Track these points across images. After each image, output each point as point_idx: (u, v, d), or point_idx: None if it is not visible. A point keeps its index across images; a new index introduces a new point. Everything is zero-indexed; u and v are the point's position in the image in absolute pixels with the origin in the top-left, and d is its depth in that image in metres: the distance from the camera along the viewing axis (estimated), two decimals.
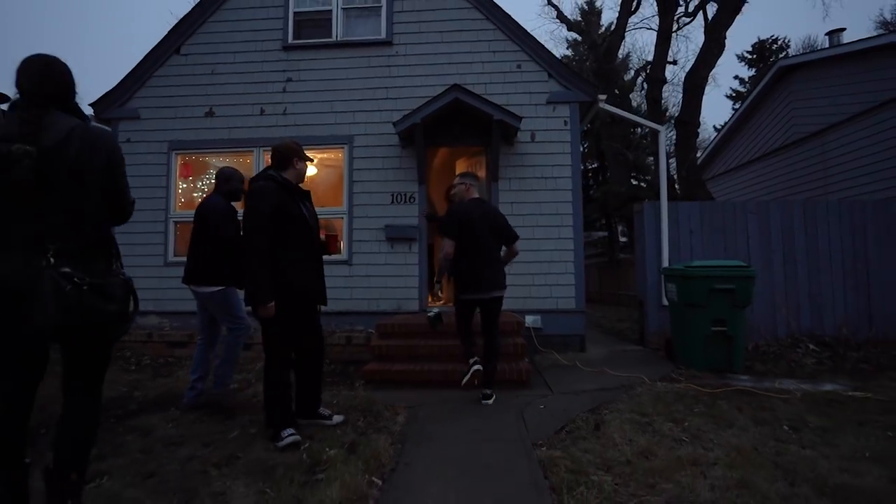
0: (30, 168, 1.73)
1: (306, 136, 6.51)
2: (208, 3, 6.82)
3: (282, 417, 2.83)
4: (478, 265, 3.72)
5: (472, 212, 3.78)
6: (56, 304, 1.68)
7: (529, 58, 6.42)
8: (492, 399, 3.79)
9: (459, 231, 3.73)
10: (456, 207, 3.91)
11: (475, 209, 3.81)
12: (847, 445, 2.74)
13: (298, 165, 3.15)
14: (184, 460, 2.54)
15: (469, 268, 3.72)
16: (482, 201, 3.99)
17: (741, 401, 3.72)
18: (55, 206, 1.79)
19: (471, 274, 3.72)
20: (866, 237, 6.24)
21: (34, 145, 1.75)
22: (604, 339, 7.06)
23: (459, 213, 3.80)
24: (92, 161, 1.86)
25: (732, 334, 4.89)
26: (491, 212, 3.95)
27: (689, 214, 6.38)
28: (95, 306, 1.78)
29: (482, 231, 3.76)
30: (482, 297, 3.74)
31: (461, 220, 3.75)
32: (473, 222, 3.74)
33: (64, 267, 1.74)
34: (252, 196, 2.92)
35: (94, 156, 1.87)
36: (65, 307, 1.70)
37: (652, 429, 3.06)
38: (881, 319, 6.08)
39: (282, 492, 2.16)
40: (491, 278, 3.74)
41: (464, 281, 3.75)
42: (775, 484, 2.24)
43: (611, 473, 2.39)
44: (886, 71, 8.09)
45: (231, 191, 3.83)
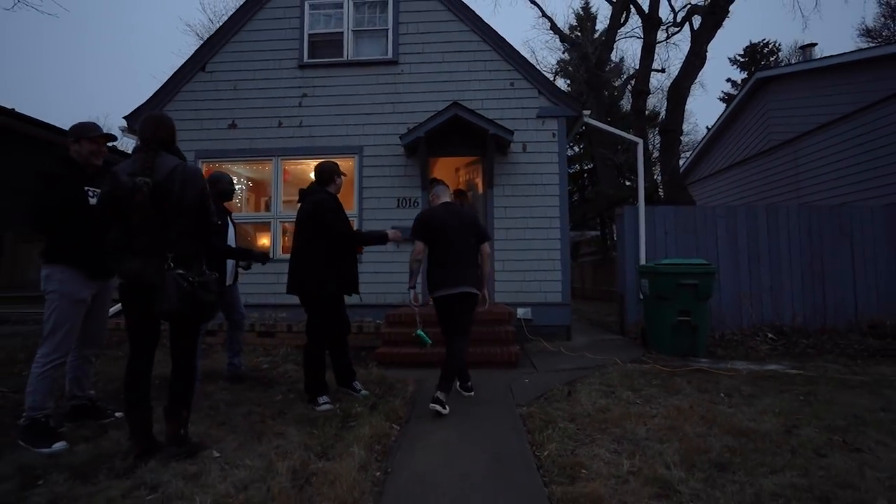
0: (147, 195, 2.46)
1: (320, 146, 7.25)
2: (231, 25, 7.54)
3: (319, 387, 3.56)
4: (447, 263, 3.75)
5: (438, 215, 3.85)
6: (178, 296, 2.41)
7: (521, 76, 7.14)
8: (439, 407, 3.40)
9: (425, 233, 3.82)
10: (423, 212, 4.03)
11: (442, 212, 3.87)
12: (762, 405, 3.48)
13: (338, 181, 3.87)
14: (244, 415, 3.27)
15: (438, 266, 3.78)
16: (450, 204, 4.01)
17: (694, 377, 4.46)
18: (164, 224, 2.52)
19: (440, 272, 3.76)
20: (822, 239, 6.98)
21: (150, 178, 2.48)
22: (589, 330, 7.80)
23: (425, 216, 3.89)
24: (187, 192, 2.57)
25: (696, 323, 5.62)
26: (461, 213, 3.97)
27: (664, 218, 7.12)
28: (201, 298, 2.51)
29: (451, 232, 3.79)
30: (451, 291, 3.70)
31: (427, 223, 3.83)
32: (440, 224, 3.80)
33: (179, 269, 2.47)
34: (326, 206, 3.64)
35: (190, 188, 2.58)
36: (183, 298, 2.43)
37: (614, 395, 3.79)
38: (833, 311, 6.83)
39: (325, 432, 2.88)
40: (460, 274, 3.73)
41: (433, 279, 3.80)
42: (696, 428, 2.98)
43: (574, 422, 3.13)
44: (852, 85, 8.81)
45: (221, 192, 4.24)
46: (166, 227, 2.52)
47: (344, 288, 3.72)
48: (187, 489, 2.11)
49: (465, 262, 3.80)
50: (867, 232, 6.95)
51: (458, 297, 3.70)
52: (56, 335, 2.77)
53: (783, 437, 2.82)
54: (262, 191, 8.53)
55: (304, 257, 3.63)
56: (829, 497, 2.08)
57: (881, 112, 7.96)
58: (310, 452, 2.57)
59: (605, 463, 2.46)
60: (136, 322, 2.56)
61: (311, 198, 3.72)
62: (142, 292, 2.49)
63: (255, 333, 6.15)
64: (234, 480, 2.20)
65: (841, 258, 6.94)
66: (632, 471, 2.37)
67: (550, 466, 2.46)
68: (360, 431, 2.84)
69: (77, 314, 2.85)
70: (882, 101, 7.92)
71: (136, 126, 7.39)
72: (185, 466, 2.36)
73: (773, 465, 2.43)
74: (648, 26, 10.60)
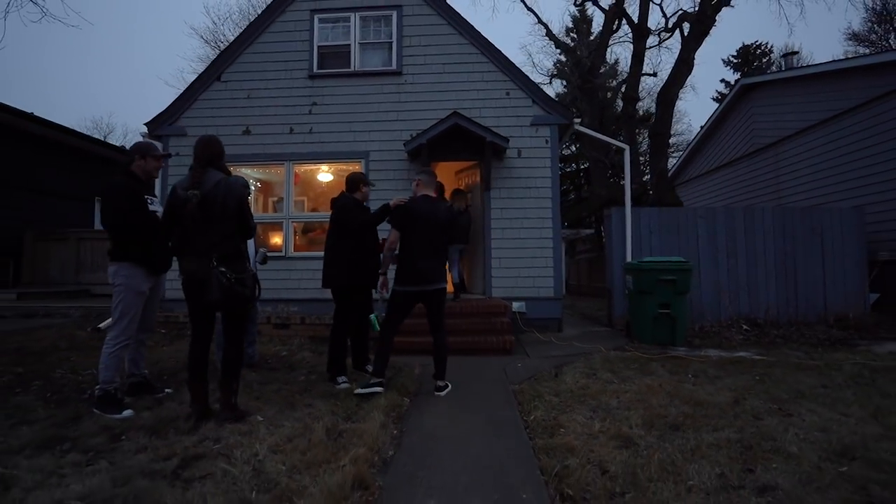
0: (196, 205, 2.99)
1: (329, 151, 7.77)
2: (245, 37, 8.04)
3: (339, 368, 4.10)
4: (423, 259, 3.80)
5: (420, 207, 3.87)
6: (219, 289, 2.95)
7: (517, 86, 7.66)
8: (445, 391, 3.85)
9: (404, 223, 3.84)
10: (406, 202, 3.99)
11: (423, 205, 3.89)
12: (722, 384, 4.03)
13: (364, 189, 4.41)
14: (275, 391, 3.80)
15: (411, 261, 3.81)
16: (429, 198, 4.01)
17: (668, 362, 5.01)
18: (211, 229, 3.04)
19: (412, 267, 3.81)
20: (794, 238, 7.54)
21: (199, 191, 3.01)
22: (580, 323, 8.36)
23: (407, 206, 3.90)
24: (229, 202, 3.09)
25: (675, 315, 6.17)
26: (439, 209, 3.97)
27: (649, 218, 7.66)
28: (237, 291, 3.04)
29: (429, 226, 3.83)
30: (426, 288, 3.82)
31: (408, 213, 3.86)
32: (420, 217, 3.82)
33: (221, 267, 3.00)
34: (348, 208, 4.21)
35: (231, 198, 3.10)
36: (223, 291, 2.96)
37: (595, 376, 4.34)
38: (804, 304, 7.39)
39: (347, 403, 3.42)
40: (434, 271, 3.83)
41: (403, 273, 3.84)
42: (660, 400, 3.53)
43: (558, 396, 3.68)
44: (828, 94, 9.34)
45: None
46: (212, 231, 3.05)
47: (366, 281, 4.25)
48: (245, 441, 2.66)
49: (440, 258, 3.96)
50: (836, 232, 7.51)
51: (432, 293, 3.88)
52: (123, 321, 3.30)
53: (731, 406, 3.37)
54: (274, 193, 9.04)
55: (334, 255, 4.18)
56: (753, 445, 2.63)
57: (850, 120, 8.52)
58: (337, 417, 3.11)
59: (580, 424, 3.00)
60: (194, 310, 3.09)
61: (337, 203, 4.26)
62: (196, 285, 3.03)
63: (271, 325, 6.67)
64: (279, 435, 2.74)
65: (812, 256, 7.50)
66: (601, 430, 2.91)
67: (535, 427, 3.01)
68: (377, 402, 3.38)
69: (139, 304, 3.38)
70: (851, 111, 8.48)
71: (156, 131, 7.98)
72: (238, 426, 2.89)
73: (717, 425, 2.98)
74: (638, 35, 11.13)
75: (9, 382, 3.86)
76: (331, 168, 8.30)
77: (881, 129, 7.87)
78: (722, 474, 2.30)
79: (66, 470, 2.27)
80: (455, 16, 7.79)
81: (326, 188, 8.62)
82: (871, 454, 2.47)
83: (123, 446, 2.62)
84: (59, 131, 11.45)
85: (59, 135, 11.53)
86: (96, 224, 12.88)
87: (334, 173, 8.38)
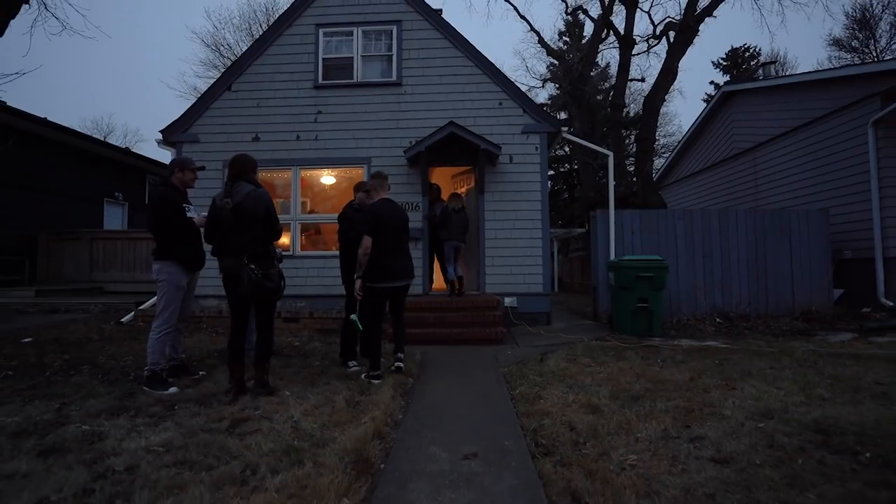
0: (230, 212, 3.55)
1: (333, 157, 8.32)
2: (254, 50, 8.57)
3: (350, 354, 4.67)
4: (394, 256, 4.24)
5: (384, 211, 4.27)
6: (249, 284, 3.51)
7: (508, 97, 8.24)
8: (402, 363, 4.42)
9: (375, 227, 4.18)
10: (374, 207, 4.34)
11: (387, 209, 4.30)
12: (685, 367, 4.63)
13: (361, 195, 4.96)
14: (295, 373, 4.36)
15: (385, 259, 4.20)
16: (389, 200, 4.43)
17: (643, 350, 5.60)
18: (243, 233, 3.60)
19: (387, 265, 4.21)
20: (765, 238, 8.16)
21: (231, 200, 3.57)
22: (568, 317, 8.96)
23: (374, 212, 4.26)
24: (257, 210, 3.65)
25: (652, 309, 6.77)
26: (399, 210, 4.43)
27: (631, 220, 8.26)
28: (265, 285, 3.60)
29: (395, 228, 4.27)
30: (395, 284, 4.29)
31: (378, 219, 4.22)
32: (387, 219, 4.23)
33: (252, 265, 3.56)
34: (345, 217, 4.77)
35: (258, 207, 3.66)
36: (253, 285, 3.52)
37: (575, 361, 4.93)
38: (773, 299, 8.02)
39: (360, 383, 3.99)
40: (405, 268, 4.35)
41: (380, 271, 4.20)
42: (627, 379, 4.12)
43: (540, 376, 4.26)
44: (800, 102, 9.94)
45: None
46: (244, 234, 3.61)
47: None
48: (279, 408, 3.22)
49: (408, 255, 4.45)
50: (803, 232, 8.14)
51: (400, 289, 4.42)
52: (166, 312, 3.86)
53: (686, 383, 3.97)
54: (281, 196, 9.57)
55: (342, 257, 4.73)
56: (695, 410, 3.22)
57: (818, 129, 9.16)
58: (353, 392, 3.68)
59: (557, 397, 3.59)
60: (232, 301, 3.66)
61: (342, 213, 4.82)
62: (232, 280, 3.59)
63: (282, 319, 7.21)
64: (307, 404, 3.31)
65: (781, 255, 8.13)
66: (574, 401, 3.50)
67: (519, 398, 3.60)
68: (387, 381, 3.95)
69: (179, 297, 3.93)
70: (818, 120, 9.11)
71: (170, 138, 8.50)
72: (270, 399, 3.46)
73: (670, 397, 3.57)
74: (624, 46, 11.73)
75: (62, 366, 4.41)
76: (335, 173, 8.84)
77: (844, 138, 8.50)
78: (665, 430, 2.89)
79: (141, 428, 2.83)
80: (451, 30, 8.35)
81: (331, 191, 9.16)
82: (787, 415, 3.06)
83: (179, 413, 3.18)
84: (71, 135, 11.92)
85: (70, 138, 11.99)
86: (105, 224, 13.39)
87: (338, 177, 8.92)
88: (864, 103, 8.09)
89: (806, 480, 2.16)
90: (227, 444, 2.55)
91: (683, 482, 2.19)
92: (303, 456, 2.38)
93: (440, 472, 2.34)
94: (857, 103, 8.24)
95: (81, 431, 2.73)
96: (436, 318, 6.62)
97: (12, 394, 3.53)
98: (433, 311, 6.72)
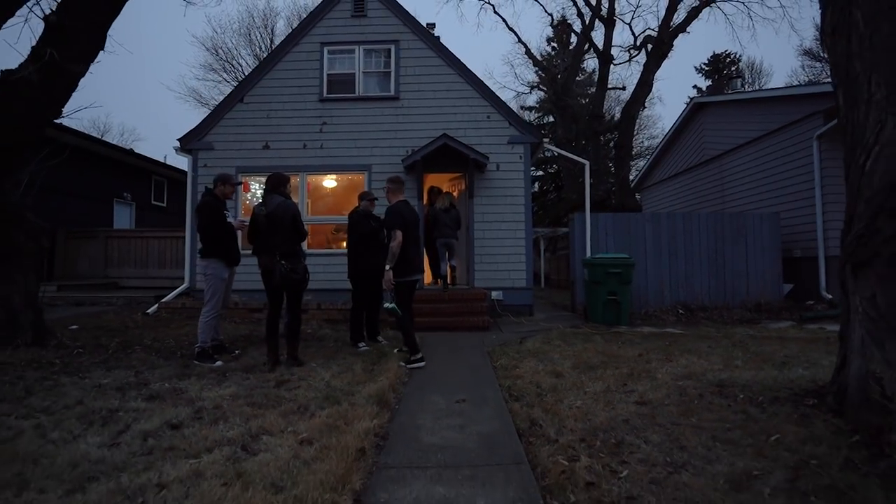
0: (264, 219, 4.43)
1: (337, 164, 9.17)
2: (264, 65, 9.39)
3: (359, 336, 5.56)
4: (415, 252, 4.87)
5: (406, 210, 4.88)
6: (280, 276, 4.39)
7: (496, 111, 9.14)
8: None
9: (402, 224, 4.73)
10: (394, 207, 4.91)
11: (406, 208, 4.92)
12: (640, 347, 5.57)
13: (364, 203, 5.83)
14: (314, 352, 5.23)
15: (410, 254, 4.77)
16: (406, 201, 5.01)
17: (609, 335, 6.55)
18: (275, 235, 4.48)
19: (411, 259, 4.80)
20: (724, 238, 9.16)
21: (265, 209, 4.45)
22: (550, 310, 9.90)
23: (401, 211, 4.84)
24: (285, 217, 4.53)
25: (621, 301, 7.73)
26: (415, 210, 5.10)
27: (605, 222, 9.22)
28: (292, 277, 4.48)
29: (414, 225, 4.84)
30: (417, 277, 4.91)
31: (402, 216, 4.80)
32: (410, 218, 4.82)
33: (283, 261, 4.44)
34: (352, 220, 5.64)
35: (287, 214, 4.54)
36: (283, 277, 4.40)
37: (549, 343, 5.86)
38: (730, 293, 9.03)
39: (370, 359, 4.88)
40: (420, 263, 5.08)
41: (406, 265, 4.75)
42: (589, 355, 5.05)
43: (518, 354, 5.18)
44: (761, 115, 10.96)
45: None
46: (276, 236, 4.49)
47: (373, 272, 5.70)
48: (311, 374, 4.11)
49: (421, 251, 5.36)
50: (757, 233, 9.15)
51: (419, 280, 5.29)
52: (213, 300, 4.72)
53: (635, 358, 4.91)
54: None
55: (349, 253, 5.61)
56: (634, 374, 4.15)
57: (773, 140, 10.19)
58: (367, 363, 4.58)
59: (529, 367, 4.51)
60: (268, 290, 4.53)
61: (351, 217, 5.71)
62: (268, 273, 4.46)
63: None
64: (332, 371, 4.20)
65: (737, 253, 9.13)
66: (542, 369, 4.42)
67: (499, 368, 4.52)
68: (392, 357, 4.86)
69: (223, 287, 4.80)
70: (774, 132, 10.14)
71: (187, 146, 9.30)
72: (301, 369, 4.34)
73: (618, 366, 4.50)
74: (603, 61, 12.69)
75: (118, 346, 5.25)
76: (338, 178, 9.69)
77: (794, 149, 9.52)
78: (607, 387, 3.82)
79: (209, 386, 3.71)
80: (444, 50, 9.23)
81: (335, 195, 10.01)
82: (702, 377, 4.01)
83: (232, 378, 4.05)
84: (87, 140, 12.63)
85: (86, 142, 12.70)
86: (115, 223, 14.11)
87: (341, 182, 9.77)
88: (810, 119, 9.12)
89: (693, 412, 3.10)
90: (280, 395, 3.44)
91: (609, 414, 3.11)
92: (339, 399, 3.27)
93: (439, 409, 3.25)
94: (804, 119, 9.26)
95: (166, 387, 3.60)
96: (431, 308, 7.52)
97: (92, 365, 4.38)
98: (428, 303, 7.62)
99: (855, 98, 2.72)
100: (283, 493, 1.94)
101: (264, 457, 2.33)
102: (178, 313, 8.08)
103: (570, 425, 2.92)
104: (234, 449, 2.43)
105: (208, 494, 1.93)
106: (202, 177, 9.10)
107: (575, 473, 2.22)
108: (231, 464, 2.24)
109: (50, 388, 3.56)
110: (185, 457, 2.31)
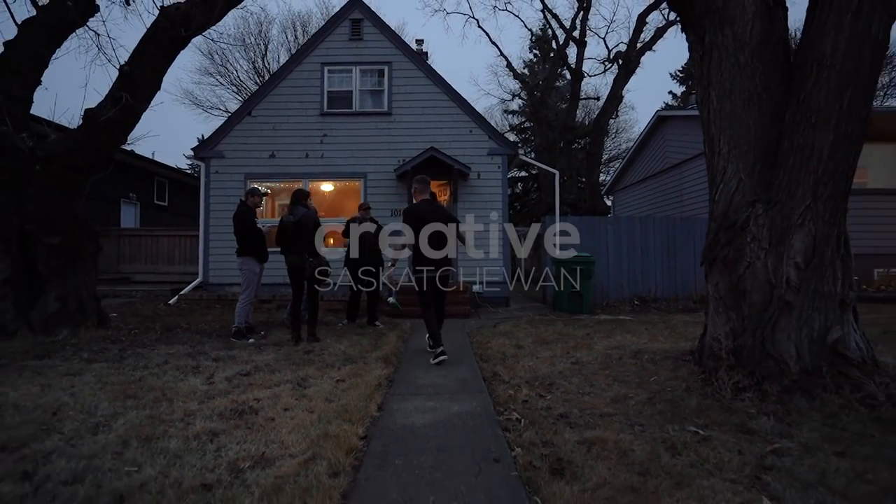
0: (291, 226, 5.62)
1: (336, 172, 10.31)
2: (270, 83, 10.47)
3: (354, 317, 6.77)
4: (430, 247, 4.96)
5: (422, 209, 5.01)
6: (309, 271, 5.58)
7: (477, 126, 10.37)
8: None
9: (416, 223, 4.94)
10: (410, 207, 5.23)
11: (425, 207, 5.04)
12: (591, 329, 6.85)
13: (362, 213, 7.01)
14: (326, 333, 6.39)
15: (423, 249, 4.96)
16: (430, 201, 5.13)
17: (570, 321, 7.83)
18: (301, 238, 5.66)
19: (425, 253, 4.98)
20: (675, 240, 10.52)
21: (292, 218, 5.63)
22: (524, 301, 11.19)
23: (412, 210, 5.08)
24: (309, 224, 5.71)
25: (583, 293, 9.03)
26: (439, 208, 5.11)
27: (573, 225, 10.51)
28: (315, 272, 5.67)
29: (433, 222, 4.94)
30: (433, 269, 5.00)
31: (415, 216, 4.99)
32: (425, 217, 4.94)
33: (310, 258, 5.62)
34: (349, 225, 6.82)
35: (310, 222, 5.72)
36: (311, 272, 5.59)
37: (518, 326, 7.12)
38: (680, 287, 10.40)
39: (372, 337, 6.08)
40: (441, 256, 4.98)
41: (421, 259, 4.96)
42: (547, 334, 6.32)
43: (491, 334, 6.43)
44: None
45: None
46: (302, 239, 5.66)
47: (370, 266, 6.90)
48: (330, 346, 5.30)
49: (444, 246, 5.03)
50: (703, 235, 10.51)
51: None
52: (248, 290, 5.87)
53: (583, 336, 6.19)
54: None
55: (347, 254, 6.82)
56: (578, 346, 5.43)
57: None
58: (371, 339, 5.79)
59: (498, 342, 5.76)
60: (293, 282, 5.69)
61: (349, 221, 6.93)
62: (296, 269, 5.63)
63: None
64: (345, 344, 5.40)
65: (686, 253, 10.50)
66: (508, 343, 5.67)
67: (475, 343, 5.77)
68: (390, 335, 6.07)
69: (255, 281, 5.95)
70: None
71: (200, 154, 10.36)
72: (319, 344, 5.52)
73: (567, 342, 5.77)
74: (574, 78, 14.00)
75: (163, 329, 6.37)
76: (337, 184, 10.82)
77: None
78: (554, 354, 5.08)
79: (253, 355, 4.87)
80: (432, 71, 10.41)
81: (334, 199, 11.15)
82: (628, 347, 5.29)
83: (266, 350, 5.22)
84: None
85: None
86: (122, 222, 15.02)
87: (340, 188, 10.91)
88: None
89: (609, 367, 4.38)
90: (310, 359, 4.64)
91: (550, 370, 4.37)
92: (356, 360, 4.49)
93: (429, 366, 4.50)
94: None
95: (222, 354, 4.77)
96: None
97: (152, 342, 5.51)
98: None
99: (712, 149, 4.00)
100: (334, 403, 3.15)
101: (314, 389, 3.53)
102: (197, 304, 9.18)
103: (520, 375, 4.17)
104: (293, 385, 3.62)
105: (287, 402, 3.13)
106: (214, 182, 10.17)
107: (516, 397, 3.47)
108: (295, 390, 3.45)
109: (134, 355, 4.71)
110: (263, 388, 3.51)
